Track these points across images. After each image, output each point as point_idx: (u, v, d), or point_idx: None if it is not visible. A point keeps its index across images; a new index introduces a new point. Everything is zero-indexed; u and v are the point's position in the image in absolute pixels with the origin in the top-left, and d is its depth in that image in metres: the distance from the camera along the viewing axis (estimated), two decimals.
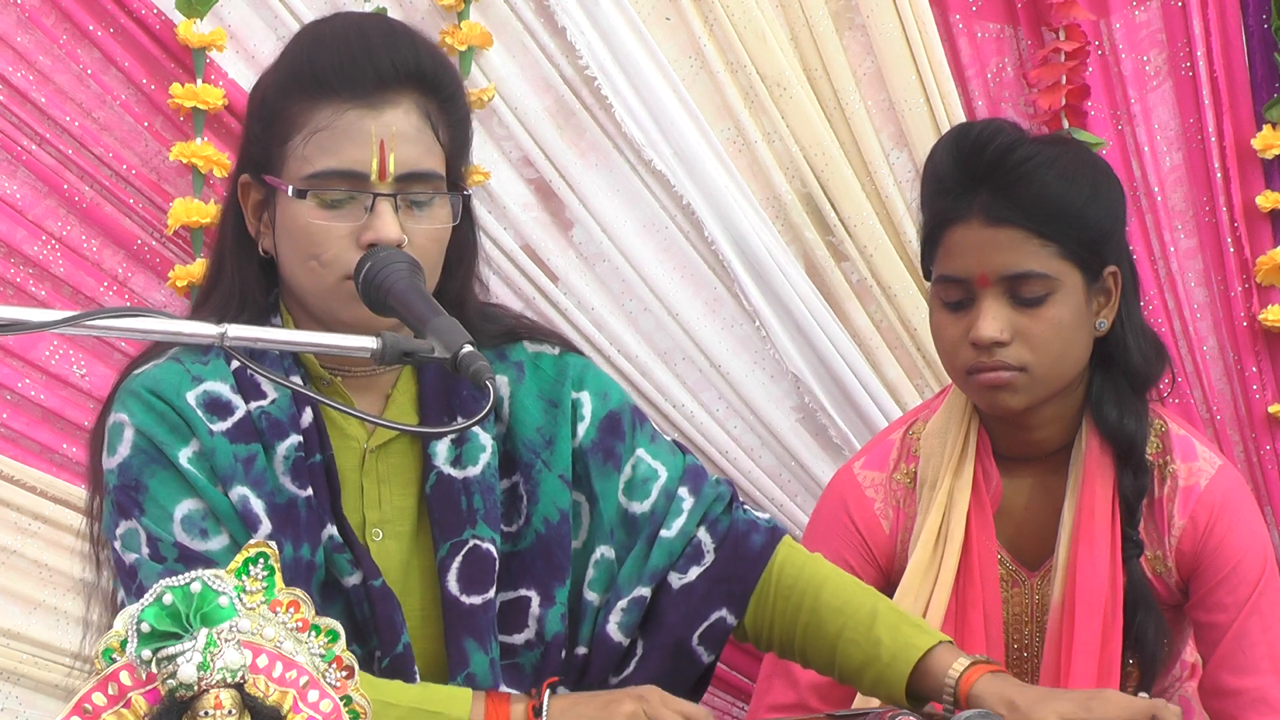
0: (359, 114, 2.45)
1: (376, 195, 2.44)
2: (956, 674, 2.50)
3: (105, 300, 3.45)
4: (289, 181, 2.47)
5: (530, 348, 2.64)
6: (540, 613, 2.54)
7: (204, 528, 2.44)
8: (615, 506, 2.61)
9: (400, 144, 2.45)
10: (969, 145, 3.01)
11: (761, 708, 3.10)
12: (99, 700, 1.89)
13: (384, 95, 2.46)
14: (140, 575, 2.41)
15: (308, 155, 2.46)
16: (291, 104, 2.48)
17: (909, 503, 3.13)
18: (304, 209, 2.45)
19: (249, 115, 2.57)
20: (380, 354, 2.14)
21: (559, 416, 2.60)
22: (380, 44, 2.49)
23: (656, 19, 3.63)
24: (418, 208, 2.47)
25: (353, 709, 1.96)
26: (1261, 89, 3.68)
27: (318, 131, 2.45)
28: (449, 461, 2.54)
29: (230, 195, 2.58)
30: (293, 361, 2.50)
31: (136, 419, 2.46)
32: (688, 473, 2.66)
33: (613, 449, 2.62)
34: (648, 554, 2.61)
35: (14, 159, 3.43)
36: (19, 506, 3.43)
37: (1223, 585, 3.07)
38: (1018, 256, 2.97)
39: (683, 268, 3.67)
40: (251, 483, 2.44)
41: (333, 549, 2.46)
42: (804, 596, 2.61)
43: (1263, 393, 3.68)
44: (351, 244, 2.44)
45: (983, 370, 2.99)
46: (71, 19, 3.43)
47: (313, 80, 2.47)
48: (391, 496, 2.54)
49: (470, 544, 2.52)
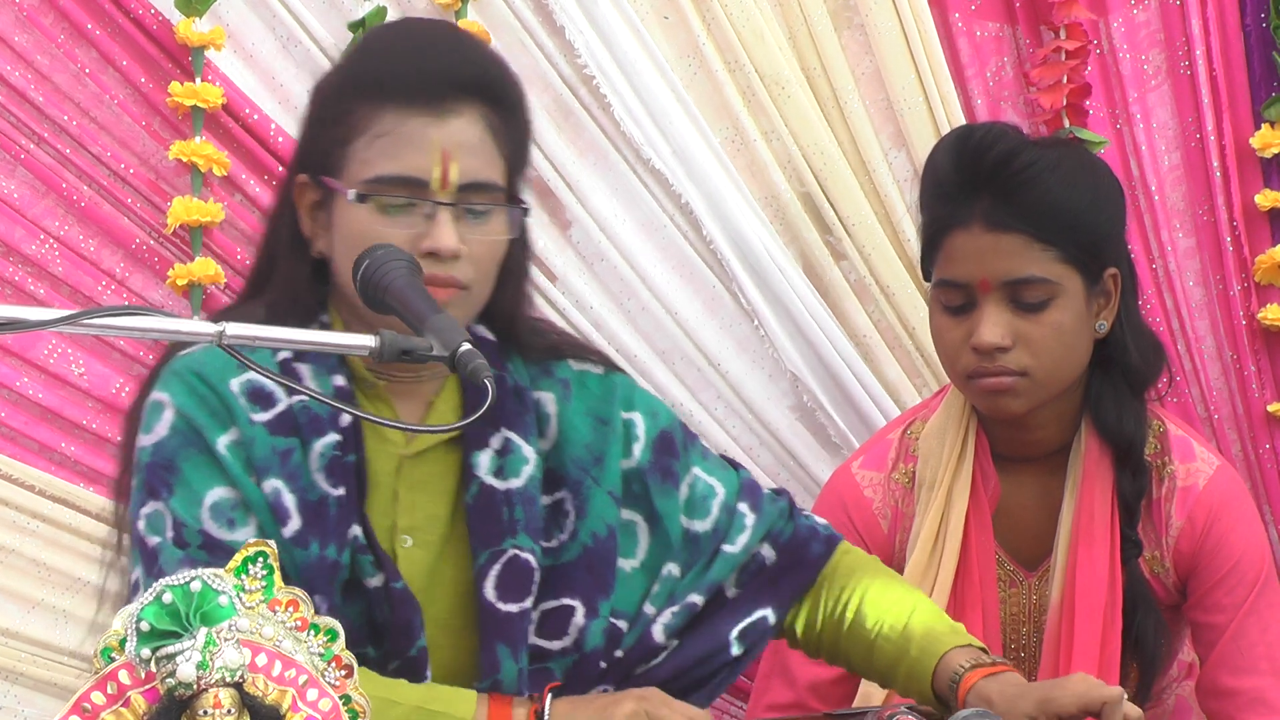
0: (423, 121, 2.44)
1: (437, 204, 2.44)
2: (958, 677, 2.51)
3: (104, 299, 3.44)
4: (348, 184, 2.45)
5: (575, 365, 2.64)
6: (584, 623, 2.53)
7: (232, 517, 2.42)
8: (679, 526, 2.62)
9: (463, 154, 2.45)
10: (970, 150, 3.00)
11: (760, 707, 3.10)
12: (98, 699, 1.89)
13: (448, 104, 2.45)
14: (161, 559, 2.39)
15: (369, 159, 2.45)
16: (355, 107, 2.46)
17: (907, 502, 3.13)
18: (362, 213, 2.44)
19: (309, 115, 2.56)
20: (379, 352, 2.14)
21: (609, 435, 2.60)
22: (446, 52, 2.48)
23: (655, 18, 3.63)
24: (476, 218, 2.46)
25: (352, 708, 1.96)
26: (1260, 88, 3.68)
27: (381, 136, 2.44)
28: (491, 472, 2.53)
29: (284, 194, 2.56)
30: (338, 362, 2.50)
31: (178, 400, 2.44)
32: (744, 488, 2.68)
33: (670, 468, 2.63)
34: (708, 566, 2.62)
35: (12, 158, 3.43)
36: (18, 505, 3.43)
37: (1220, 585, 3.07)
38: (1019, 262, 2.97)
39: (681, 267, 3.67)
40: (286, 476, 2.43)
41: (357, 549, 2.45)
42: (852, 596, 2.63)
43: (1261, 392, 3.68)
44: (410, 252, 2.42)
45: (984, 375, 2.99)
46: (70, 18, 3.43)
47: (377, 84, 2.46)
48: (424, 504, 2.53)
49: (510, 553, 2.51)
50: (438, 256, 2.43)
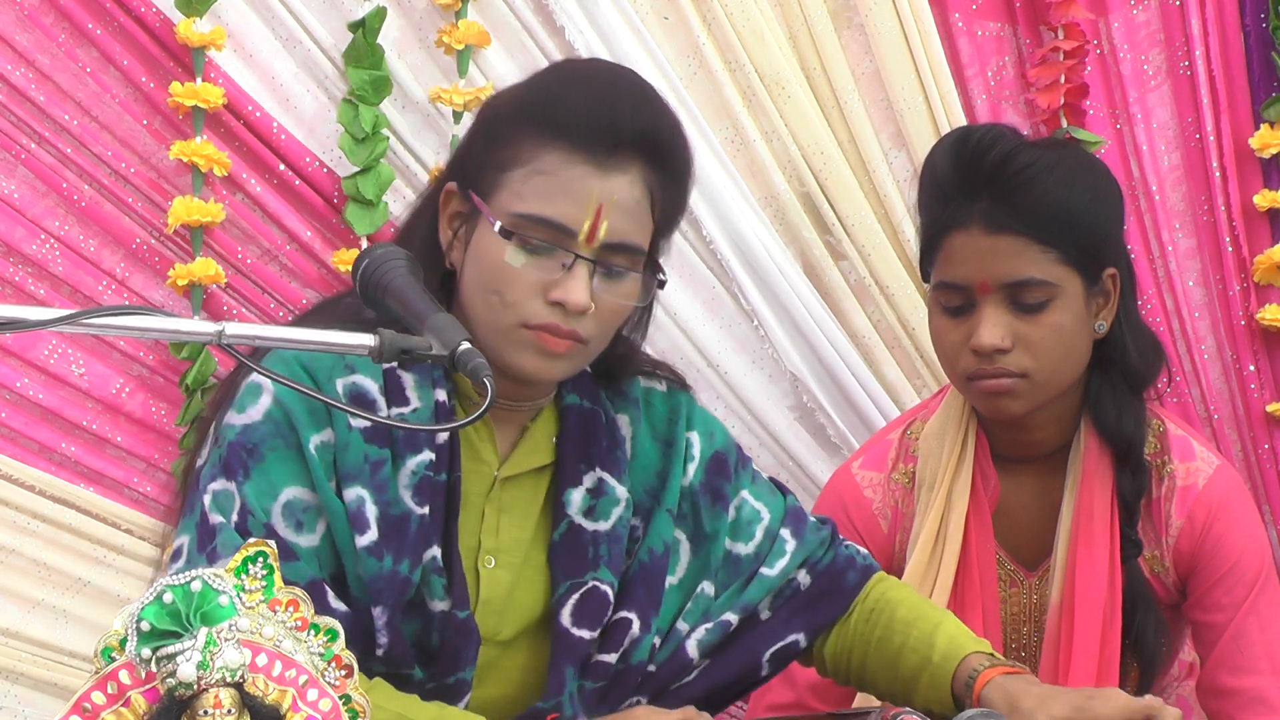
0: (586, 171, 2.43)
1: (579, 257, 2.43)
2: (975, 675, 2.52)
3: (104, 299, 3.44)
4: (497, 210, 2.44)
5: (643, 384, 2.64)
6: (638, 635, 2.54)
7: (302, 519, 2.41)
8: (722, 549, 2.63)
9: (616, 213, 2.43)
10: (969, 152, 3.00)
11: (760, 707, 3.10)
12: (98, 699, 1.90)
13: (615, 159, 2.43)
14: (219, 539, 2.37)
15: (523, 193, 2.44)
16: (523, 136, 2.45)
17: (907, 502, 3.13)
18: (503, 246, 2.43)
19: (475, 129, 2.55)
20: (378, 352, 2.13)
21: (673, 455, 2.61)
22: (626, 106, 2.46)
23: (655, 18, 3.63)
24: (611, 277, 2.45)
25: (351, 708, 1.96)
26: (1260, 88, 3.68)
27: (540, 174, 2.43)
28: (582, 512, 2.54)
29: (430, 196, 2.56)
30: (443, 375, 2.48)
31: (280, 388, 2.42)
32: (789, 514, 2.69)
33: (720, 490, 2.64)
34: (745, 587, 2.63)
35: (13, 158, 3.43)
36: (18, 505, 3.43)
37: (1220, 585, 3.07)
38: (1019, 264, 2.97)
39: (681, 268, 3.66)
40: (374, 487, 2.42)
41: (432, 570, 2.44)
42: (880, 615, 2.64)
43: (1261, 392, 3.68)
44: (538, 295, 2.42)
45: (984, 377, 2.99)
46: (70, 18, 3.43)
47: (551, 121, 2.44)
48: (510, 527, 2.53)
49: (589, 585, 2.52)
50: (564, 309, 2.42)
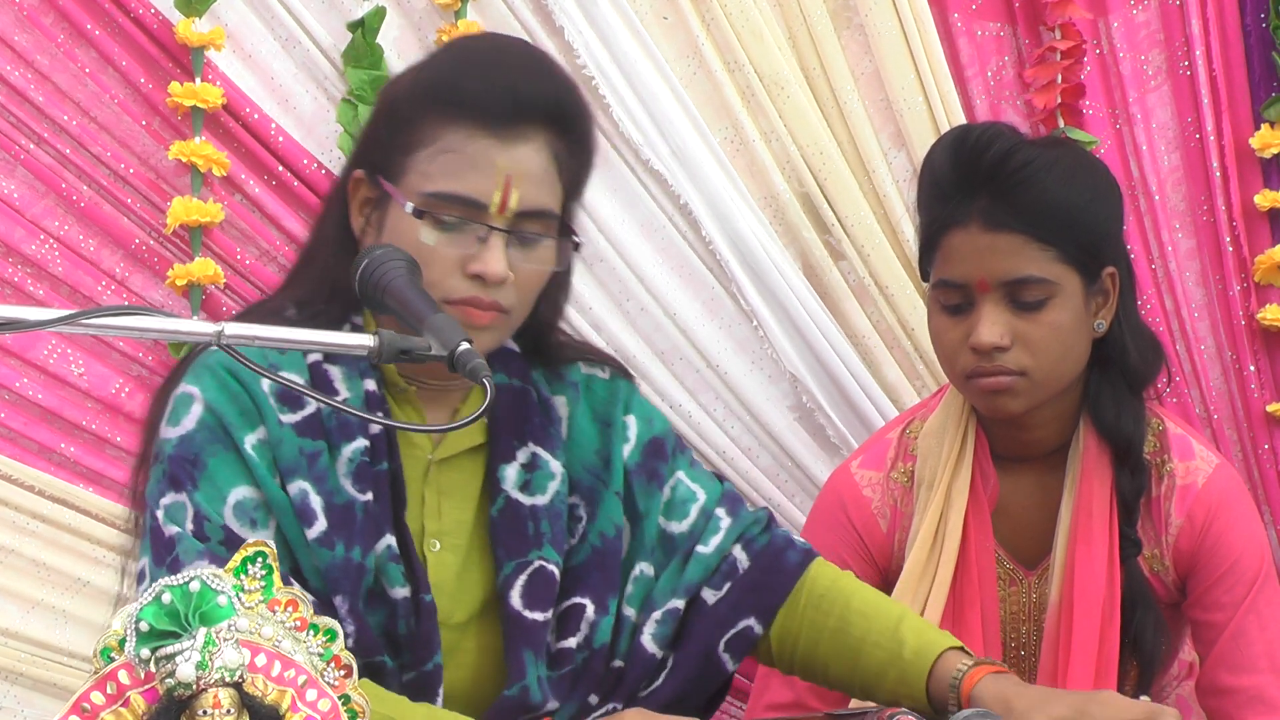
0: (490, 144, 2.44)
1: (492, 228, 2.44)
2: (960, 674, 2.51)
3: (103, 299, 3.44)
4: (407, 192, 2.45)
5: (585, 369, 2.65)
6: (595, 619, 2.54)
7: (254, 517, 2.42)
8: (656, 526, 2.63)
9: (524, 182, 2.45)
10: (967, 150, 3.00)
11: (759, 706, 3.10)
12: (97, 699, 1.90)
13: (518, 129, 2.45)
14: (179, 549, 2.38)
15: (430, 173, 2.45)
16: (425, 117, 2.46)
17: (906, 502, 3.13)
18: (416, 226, 2.44)
19: (376, 116, 2.56)
20: (378, 352, 2.14)
21: (612, 436, 2.61)
22: (522, 75, 2.47)
23: (654, 18, 3.63)
24: (527, 245, 2.47)
25: (351, 708, 1.96)
26: (1260, 88, 3.68)
27: (446, 152, 2.44)
28: (518, 487, 2.54)
29: (339, 188, 2.56)
30: (369, 366, 2.49)
31: (209, 394, 2.44)
32: (725, 496, 2.69)
33: (656, 470, 2.64)
34: (683, 568, 2.62)
35: (12, 158, 3.43)
36: (17, 505, 3.43)
37: (1220, 584, 3.07)
38: (1017, 262, 2.97)
39: (680, 268, 3.66)
40: (313, 479, 2.43)
41: (388, 559, 2.45)
42: (834, 604, 2.63)
43: (1261, 392, 3.68)
44: (457, 271, 2.43)
45: (983, 375, 2.99)
46: (69, 18, 3.43)
47: (451, 99, 2.45)
48: (451, 509, 2.54)
49: (535, 564, 2.52)
50: (484, 280, 2.43)
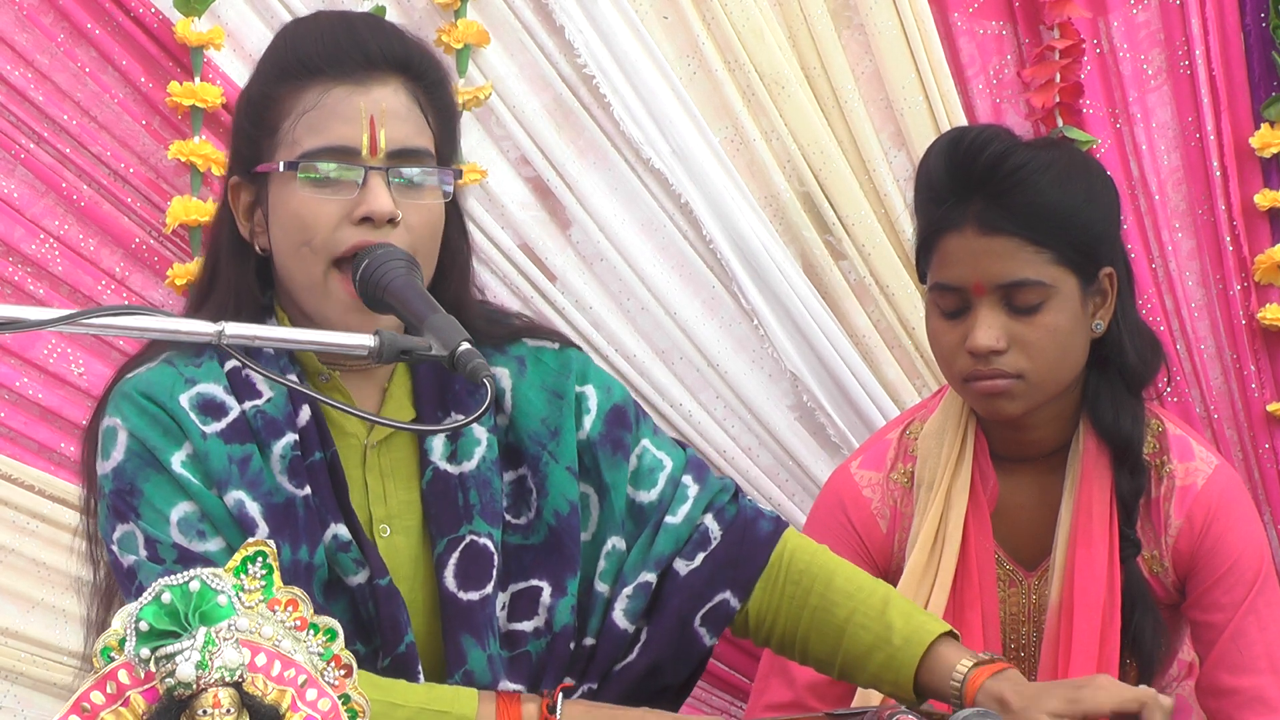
0: (347, 91, 2.46)
1: (369, 169, 2.45)
2: (964, 673, 2.50)
3: (103, 299, 3.44)
4: (280, 163, 2.46)
5: (531, 343, 2.64)
6: (551, 602, 2.54)
7: (201, 529, 2.43)
8: (624, 497, 2.62)
9: (390, 120, 2.46)
10: (962, 153, 3.00)
11: (759, 707, 3.10)
12: (97, 699, 1.90)
13: (371, 74, 2.47)
14: (140, 576, 2.41)
15: (297, 137, 2.46)
16: (278, 92, 2.48)
17: (906, 502, 3.13)
18: (295, 191, 2.45)
19: (236, 117, 2.58)
20: (378, 352, 2.14)
21: (564, 408, 2.60)
22: (364, 29, 2.50)
23: (655, 17, 3.63)
24: (410, 187, 2.47)
25: (351, 707, 1.96)
26: (1260, 88, 3.67)
27: (306, 112, 2.46)
28: (444, 457, 2.54)
29: (223, 200, 2.58)
30: (289, 360, 2.50)
31: (129, 423, 2.45)
32: (691, 463, 2.68)
33: (621, 440, 2.63)
34: (653, 540, 2.61)
35: (12, 158, 3.43)
36: (17, 505, 3.43)
37: (1219, 584, 3.07)
38: (1013, 265, 2.97)
39: (681, 267, 3.66)
40: (247, 484, 2.44)
41: (337, 548, 2.46)
42: (815, 581, 2.62)
43: (1261, 392, 3.68)
44: (344, 222, 2.44)
45: (980, 378, 3.00)
46: (69, 18, 3.43)
47: (298, 65, 2.47)
48: (395, 491, 2.54)
49: (467, 540, 2.51)
50: (373, 222, 2.44)
